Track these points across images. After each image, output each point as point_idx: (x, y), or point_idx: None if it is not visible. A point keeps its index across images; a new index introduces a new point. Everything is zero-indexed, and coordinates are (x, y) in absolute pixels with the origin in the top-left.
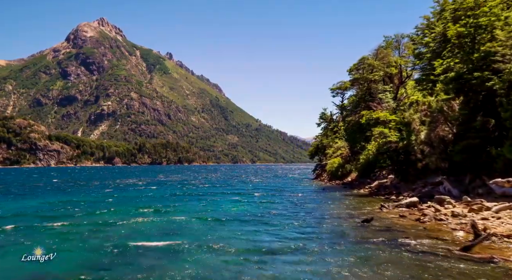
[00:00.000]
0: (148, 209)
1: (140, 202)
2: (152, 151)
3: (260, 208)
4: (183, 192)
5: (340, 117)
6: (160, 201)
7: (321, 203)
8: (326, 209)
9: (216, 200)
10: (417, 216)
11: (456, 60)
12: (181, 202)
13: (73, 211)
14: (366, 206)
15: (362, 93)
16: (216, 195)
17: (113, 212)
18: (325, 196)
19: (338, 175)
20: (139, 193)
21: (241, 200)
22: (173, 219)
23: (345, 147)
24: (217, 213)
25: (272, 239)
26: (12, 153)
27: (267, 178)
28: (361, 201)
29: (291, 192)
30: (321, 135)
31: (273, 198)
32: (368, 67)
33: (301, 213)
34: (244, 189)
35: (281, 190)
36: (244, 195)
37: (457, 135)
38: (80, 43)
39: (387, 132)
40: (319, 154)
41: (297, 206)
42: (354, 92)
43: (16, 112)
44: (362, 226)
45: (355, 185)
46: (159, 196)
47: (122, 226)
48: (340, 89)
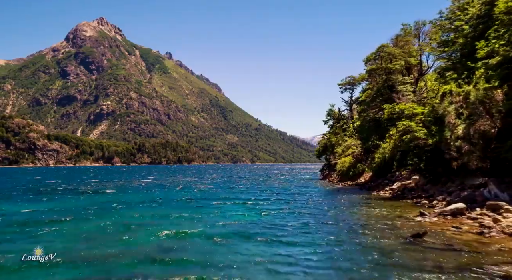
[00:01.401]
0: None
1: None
2: (152, 150)
3: (276, 217)
4: (195, 196)
5: (349, 114)
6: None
7: (343, 209)
8: (353, 218)
9: (224, 206)
10: (474, 227)
11: (502, 41)
12: (192, 210)
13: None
14: (400, 213)
15: (380, 85)
16: (223, 200)
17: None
18: (344, 200)
19: (350, 175)
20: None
21: (252, 206)
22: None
23: (357, 145)
24: (219, 227)
25: (295, 270)
26: (10, 152)
27: (273, 179)
28: (389, 206)
29: (303, 195)
30: (329, 133)
31: (287, 205)
32: (387, 56)
33: (324, 223)
34: (252, 192)
35: (293, 193)
36: (252, 201)
37: (502, 130)
38: (80, 43)
39: (414, 127)
40: (327, 153)
41: (317, 215)
42: (363, 87)
43: (15, 111)
44: (413, 243)
45: (371, 186)
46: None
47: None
48: (349, 85)
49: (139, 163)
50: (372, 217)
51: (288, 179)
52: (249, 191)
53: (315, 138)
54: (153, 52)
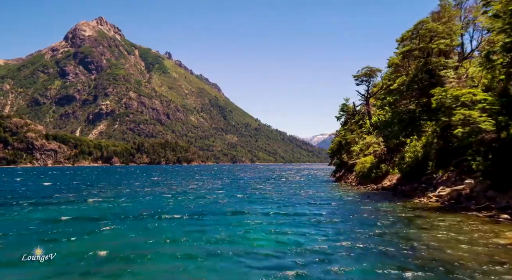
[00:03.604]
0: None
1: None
2: (151, 150)
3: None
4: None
5: (365, 108)
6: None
7: (394, 229)
8: (425, 248)
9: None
10: None
11: None
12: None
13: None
14: (484, 237)
15: (416, 71)
16: (214, 215)
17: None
18: (384, 213)
19: (372, 177)
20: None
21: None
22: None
23: (380, 143)
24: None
25: None
26: (8, 152)
27: (286, 182)
28: (454, 224)
29: (326, 203)
30: (343, 130)
31: (315, 216)
32: (427, 34)
33: (401, 267)
34: (265, 201)
35: (312, 203)
36: (266, 215)
37: None
38: (79, 42)
39: (475, 116)
40: (342, 152)
41: (361, 239)
42: (382, 77)
43: (14, 111)
44: None
45: (404, 191)
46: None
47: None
48: (365, 76)
49: (138, 163)
50: (455, 248)
51: (299, 183)
52: (274, 201)
53: (315, 138)
54: (152, 51)
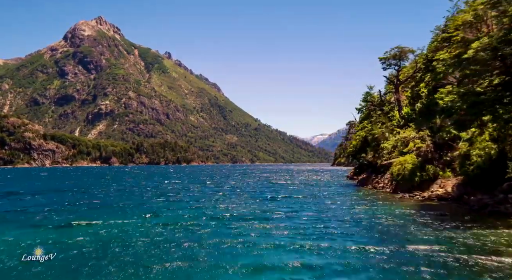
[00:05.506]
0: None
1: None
2: (150, 150)
3: None
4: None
5: (395, 97)
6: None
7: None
8: None
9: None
10: None
11: None
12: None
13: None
14: None
15: (501, 34)
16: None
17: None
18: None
19: (415, 181)
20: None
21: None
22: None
23: (426, 137)
24: None
25: None
26: (5, 152)
27: (300, 185)
28: None
29: (374, 227)
30: (369, 123)
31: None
32: None
33: None
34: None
35: (354, 219)
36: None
37: None
38: (78, 42)
39: None
40: (368, 150)
41: None
42: (415, 59)
43: (13, 111)
44: None
45: (484, 206)
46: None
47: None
48: (394, 59)
49: (137, 163)
50: None
51: (314, 187)
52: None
53: (315, 138)
54: (152, 51)
